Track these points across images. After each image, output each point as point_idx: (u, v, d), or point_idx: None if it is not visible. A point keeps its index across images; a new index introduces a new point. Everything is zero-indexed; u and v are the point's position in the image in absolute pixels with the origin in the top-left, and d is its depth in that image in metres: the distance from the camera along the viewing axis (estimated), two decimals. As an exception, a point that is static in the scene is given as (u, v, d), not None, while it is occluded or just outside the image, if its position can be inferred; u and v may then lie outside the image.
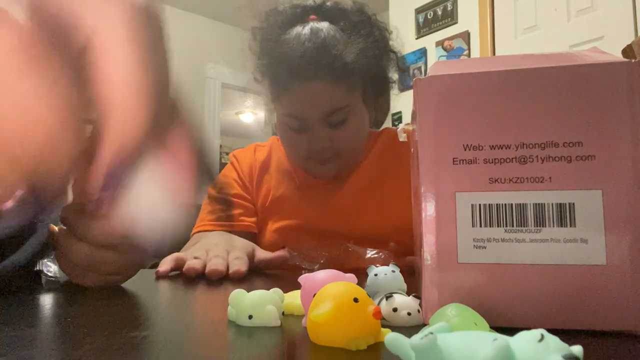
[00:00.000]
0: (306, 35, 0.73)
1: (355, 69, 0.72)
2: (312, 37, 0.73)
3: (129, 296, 0.44)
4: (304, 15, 0.78)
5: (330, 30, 0.74)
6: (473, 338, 0.17)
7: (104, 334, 0.27)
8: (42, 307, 0.38)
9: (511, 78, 0.29)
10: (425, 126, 0.30)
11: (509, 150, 0.28)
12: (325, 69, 0.71)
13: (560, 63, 0.29)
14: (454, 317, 0.23)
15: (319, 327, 0.24)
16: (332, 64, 0.71)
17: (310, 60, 0.71)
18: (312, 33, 0.74)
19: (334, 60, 0.71)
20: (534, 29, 2.21)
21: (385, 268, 0.34)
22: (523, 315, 0.28)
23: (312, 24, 0.75)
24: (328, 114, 0.74)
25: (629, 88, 0.27)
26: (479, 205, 0.28)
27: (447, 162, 0.29)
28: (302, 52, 0.72)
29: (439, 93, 0.30)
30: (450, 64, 0.32)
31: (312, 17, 0.78)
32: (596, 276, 0.27)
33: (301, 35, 0.74)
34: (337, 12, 0.78)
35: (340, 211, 0.83)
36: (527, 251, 0.28)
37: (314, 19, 0.77)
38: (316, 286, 0.27)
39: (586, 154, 0.27)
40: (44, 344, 0.26)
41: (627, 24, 1.87)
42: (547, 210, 0.28)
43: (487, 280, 0.28)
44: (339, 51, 0.72)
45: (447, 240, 0.29)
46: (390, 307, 0.29)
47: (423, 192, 0.29)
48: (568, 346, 0.16)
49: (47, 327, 0.30)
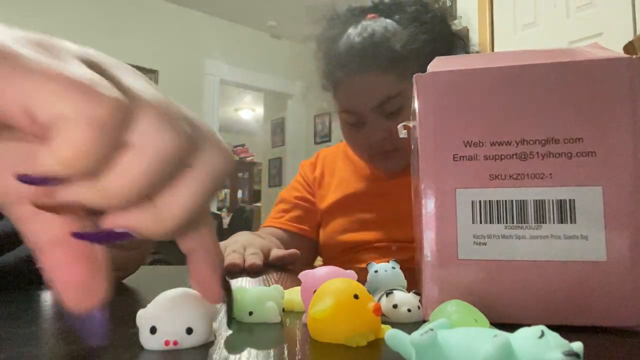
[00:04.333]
0: (356, 32, 0.75)
1: (406, 56, 0.73)
2: (361, 32, 0.75)
3: (130, 292, 0.44)
4: (361, 15, 0.79)
5: (381, 23, 0.75)
6: (473, 334, 0.17)
7: (104, 330, 0.27)
8: (41, 303, 0.38)
9: (512, 74, 0.29)
10: (425, 122, 0.30)
11: (510, 146, 0.28)
12: (371, 60, 0.73)
13: (561, 59, 0.29)
14: (454, 313, 0.23)
15: (319, 323, 0.24)
16: (377, 53, 0.72)
17: (356, 54, 0.73)
18: (362, 29, 0.75)
19: (380, 50, 0.72)
20: (533, 25, 2.20)
21: (385, 265, 0.34)
22: (523, 311, 0.28)
23: (364, 22, 0.77)
24: (381, 103, 0.74)
25: (630, 84, 0.27)
26: (480, 202, 0.28)
27: (448, 158, 0.29)
28: (349, 47, 0.75)
29: (439, 89, 0.30)
30: (450, 60, 0.32)
31: (371, 15, 0.79)
32: (596, 272, 0.27)
33: (351, 34, 0.76)
34: (393, 6, 0.79)
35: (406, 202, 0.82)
36: (528, 248, 0.28)
37: (372, 17, 0.78)
38: (316, 283, 0.27)
39: (587, 150, 0.27)
40: (44, 341, 0.26)
41: (626, 20, 1.87)
42: (547, 206, 0.28)
43: (487, 276, 0.28)
44: (386, 40, 0.73)
45: (448, 237, 0.29)
46: (391, 304, 0.29)
47: (423, 189, 0.29)
48: (568, 342, 0.16)
49: (47, 324, 0.30)
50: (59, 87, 0.15)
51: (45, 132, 0.16)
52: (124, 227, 0.18)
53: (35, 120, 0.15)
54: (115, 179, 0.17)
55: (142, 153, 0.17)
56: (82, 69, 0.16)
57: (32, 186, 0.17)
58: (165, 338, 0.22)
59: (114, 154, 0.16)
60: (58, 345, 0.25)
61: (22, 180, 0.17)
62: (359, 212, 0.82)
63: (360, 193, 0.84)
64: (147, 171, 0.17)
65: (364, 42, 0.73)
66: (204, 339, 0.24)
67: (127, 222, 0.18)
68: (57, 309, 0.36)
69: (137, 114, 0.17)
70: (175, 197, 0.18)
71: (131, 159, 0.17)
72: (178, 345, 0.23)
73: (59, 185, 0.17)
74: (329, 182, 0.89)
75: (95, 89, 0.15)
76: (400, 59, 0.72)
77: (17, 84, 0.15)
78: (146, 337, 0.23)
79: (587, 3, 2.01)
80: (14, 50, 0.15)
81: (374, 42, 0.73)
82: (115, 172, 0.17)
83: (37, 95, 0.15)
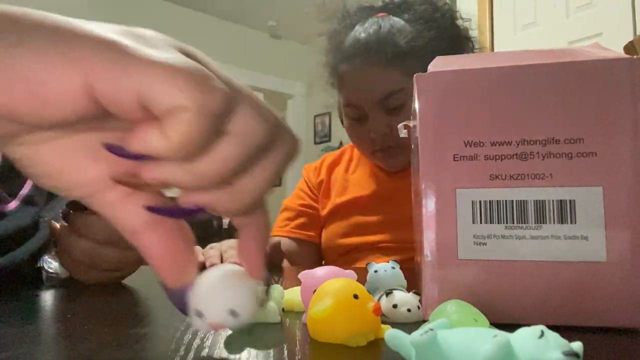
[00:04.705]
0: (362, 29, 0.76)
1: (410, 53, 0.73)
2: (367, 28, 0.76)
3: (129, 293, 0.44)
4: (371, 14, 0.80)
5: (388, 20, 0.76)
6: (473, 334, 0.17)
7: (104, 330, 0.27)
8: (42, 303, 0.38)
9: (512, 74, 0.29)
10: (425, 122, 0.30)
11: (510, 146, 0.28)
12: (375, 54, 0.73)
13: (562, 59, 0.29)
14: (454, 313, 0.23)
15: (319, 323, 0.24)
16: (381, 49, 0.73)
17: (360, 48, 0.74)
18: (369, 25, 0.76)
19: (384, 46, 0.73)
20: (533, 25, 2.20)
21: (385, 265, 0.34)
22: (523, 311, 0.28)
23: (371, 19, 0.77)
24: (383, 98, 0.74)
25: (631, 84, 0.27)
26: (480, 202, 0.28)
27: (448, 158, 0.29)
28: (354, 41, 0.75)
29: (439, 89, 0.30)
30: (451, 60, 0.32)
31: (380, 14, 0.79)
32: (596, 273, 0.27)
33: (357, 30, 0.77)
34: (403, 5, 0.80)
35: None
36: (528, 248, 0.28)
37: (381, 16, 0.79)
38: (316, 283, 0.27)
39: (587, 151, 0.27)
40: (44, 340, 0.26)
41: (625, 21, 1.87)
42: (547, 206, 0.28)
43: (487, 276, 0.28)
44: (391, 36, 0.74)
45: (448, 237, 0.29)
46: (390, 304, 0.29)
47: (423, 189, 0.29)
48: (568, 342, 0.16)
49: (48, 324, 0.30)
50: (175, 80, 0.16)
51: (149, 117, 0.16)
52: (201, 205, 0.19)
53: (149, 109, 0.16)
54: (209, 163, 0.18)
55: (237, 140, 0.18)
56: (190, 61, 0.17)
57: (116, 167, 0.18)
58: (210, 322, 0.22)
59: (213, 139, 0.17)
60: (58, 345, 0.25)
61: (115, 152, 0.18)
62: (360, 215, 0.82)
63: (362, 197, 0.84)
64: (239, 158, 0.18)
65: (369, 37, 0.74)
66: (250, 318, 0.22)
67: (205, 201, 0.19)
68: (58, 309, 0.36)
69: (236, 105, 0.18)
70: (252, 180, 0.19)
71: (226, 145, 0.18)
72: (225, 328, 0.22)
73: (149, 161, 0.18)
74: (332, 187, 0.89)
75: (209, 81, 0.16)
76: (404, 54, 0.73)
77: (132, 75, 0.16)
78: (194, 320, 0.22)
79: (587, 3, 2.01)
80: (121, 42, 0.16)
81: (378, 37, 0.74)
82: (209, 156, 0.18)
83: (154, 87, 0.16)
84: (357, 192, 0.85)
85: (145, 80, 0.16)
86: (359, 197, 0.84)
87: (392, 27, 0.75)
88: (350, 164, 0.91)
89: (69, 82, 0.16)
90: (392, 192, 0.81)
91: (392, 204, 0.79)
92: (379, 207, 0.81)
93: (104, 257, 0.45)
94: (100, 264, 0.46)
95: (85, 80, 0.16)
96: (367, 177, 0.87)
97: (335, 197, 0.87)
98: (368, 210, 0.82)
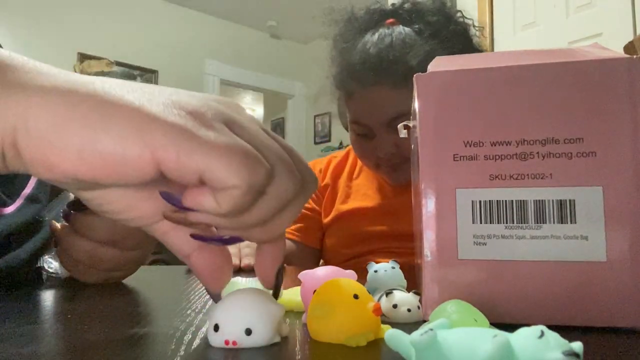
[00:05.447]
0: (372, 42, 0.72)
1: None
2: (378, 43, 0.71)
3: (130, 292, 0.44)
4: (380, 19, 0.76)
5: (400, 34, 0.72)
6: (473, 334, 0.17)
7: (104, 330, 0.27)
8: (43, 303, 0.38)
9: (512, 74, 0.29)
10: (425, 122, 0.30)
11: (510, 146, 0.28)
12: (386, 75, 0.70)
13: (562, 59, 0.29)
14: (453, 313, 0.23)
15: (319, 323, 0.24)
16: (393, 69, 0.69)
17: (371, 66, 0.70)
18: (379, 39, 0.72)
19: (396, 65, 0.69)
20: (533, 25, 2.20)
21: (385, 265, 0.34)
22: (523, 311, 0.28)
23: (382, 30, 0.73)
24: (392, 119, 0.71)
25: (630, 84, 0.27)
26: (480, 202, 0.28)
27: (448, 158, 0.29)
28: (364, 58, 0.71)
29: (439, 89, 0.30)
30: (450, 60, 0.32)
31: (389, 20, 0.75)
32: (596, 272, 0.27)
33: (367, 42, 0.72)
34: (414, 13, 0.75)
35: None
36: (528, 248, 0.28)
37: (391, 23, 0.75)
38: (316, 283, 0.27)
39: (587, 150, 0.27)
40: (44, 340, 0.26)
41: (625, 21, 1.87)
42: (547, 206, 0.28)
43: (487, 276, 0.28)
44: (403, 55, 0.69)
45: (447, 237, 0.29)
46: (390, 304, 0.29)
47: (423, 189, 0.29)
48: (568, 342, 0.16)
49: (48, 323, 0.30)
50: (230, 163, 0.20)
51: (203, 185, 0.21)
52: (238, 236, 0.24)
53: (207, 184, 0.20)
54: (249, 217, 0.22)
55: (273, 200, 0.22)
56: (237, 140, 0.21)
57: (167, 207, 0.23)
58: (225, 337, 0.23)
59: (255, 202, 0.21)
60: (58, 345, 0.25)
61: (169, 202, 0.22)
62: (364, 226, 0.82)
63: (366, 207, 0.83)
64: (274, 211, 0.22)
65: (380, 55, 0.70)
66: (265, 340, 0.23)
67: (242, 234, 0.24)
68: (58, 309, 0.36)
69: (275, 173, 0.22)
70: (281, 219, 0.23)
71: (265, 204, 0.22)
72: (237, 345, 0.23)
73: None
74: (335, 193, 0.88)
75: (256, 162, 0.20)
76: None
77: (196, 159, 0.19)
78: (210, 333, 0.23)
79: (587, 3, 2.01)
80: (186, 126, 0.20)
81: (389, 56, 0.70)
82: (250, 212, 0.21)
83: (214, 169, 0.19)
84: (361, 201, 0.84)
85: (207, 162, 0.19)
86: (364, 208, 0.83)
87: (404, 43, 0.71)
88: (354, 168, 0.90)
89: (142, 160, 0.19)
90: (397, 205, 0.80)
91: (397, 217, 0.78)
92: (384, 219, 0.80)
93: (104, 257, 0.45)
94: (101, 264, 0.46)
95: (156, 159, 0.19)
96: (371, 186, 0.86)
97: (338, 204, 0.86)
98: (372, 222, 0.81)
